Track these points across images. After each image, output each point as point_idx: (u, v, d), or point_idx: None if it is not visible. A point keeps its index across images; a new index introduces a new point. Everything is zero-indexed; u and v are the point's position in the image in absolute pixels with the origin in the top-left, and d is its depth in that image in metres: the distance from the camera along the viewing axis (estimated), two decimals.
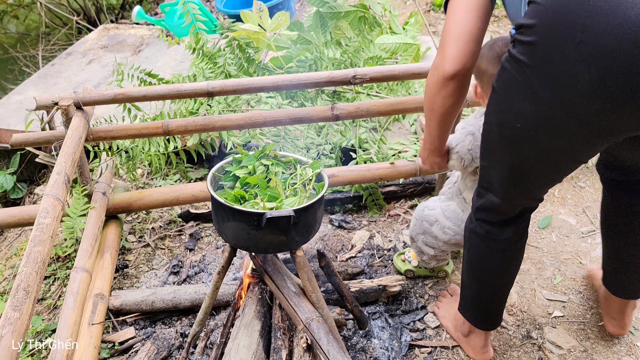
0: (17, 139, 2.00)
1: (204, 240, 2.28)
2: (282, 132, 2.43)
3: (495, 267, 1.47)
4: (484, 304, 1.58)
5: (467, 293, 1.59)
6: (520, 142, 1.18)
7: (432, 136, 1.44)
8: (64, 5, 5.05)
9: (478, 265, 1.49)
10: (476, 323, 1.62)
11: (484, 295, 1.56)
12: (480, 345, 1.66)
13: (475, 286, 1.55)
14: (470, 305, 1.61)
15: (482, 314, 1.60)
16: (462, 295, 1.62)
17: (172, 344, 1.74)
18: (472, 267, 1.51)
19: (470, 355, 1.71)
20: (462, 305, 1.64)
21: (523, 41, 1.07)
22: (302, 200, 1.41)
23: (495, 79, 1.19)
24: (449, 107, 1.29)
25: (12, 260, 2.24)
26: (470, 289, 1.57)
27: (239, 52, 2.60)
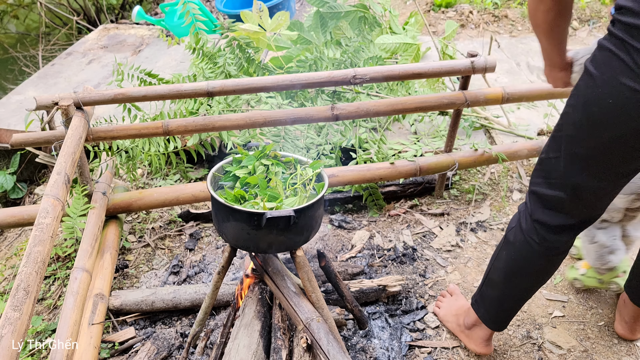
0: (17, 139, 2.00)
1: (204, 240, 2.28)
2: (282, 132, 2.43)
3: (536, 273, 1.46)
4: (505, 306, 1.57)
5: (491, 292, 1.57)
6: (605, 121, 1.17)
7: (547, 51, 1.39)
8: (64, 5, 5.05)
9: (519, 268, 1.46)
10: (488, 322, 1.61)
11: (509, 298, 1.54)
12: (483, 338, 1.66)
13: (505, 287, 1.52)
14: (490, 305, 1.59)
15: (498, 314, 1.59)
16: (482, 293, 1.60)
17: (172, 344, 1.74)
18: (510, 268, 1.48)
19: (471, 348, 1.70)
20: (478, 301, 1.62)
21: (623, 22, 1.10)
22: (302, 200, 1.41)
23: (590, 59, 1.19)
24: (551, 21, 1.27)
25: (12, 260, 2.24)
26: (497, 289, 1.55)
27: (239, 52, 2.60)
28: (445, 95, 2.18)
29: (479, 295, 1.62)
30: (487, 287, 1.58)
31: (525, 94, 2.27)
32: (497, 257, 1.53)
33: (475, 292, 1.65)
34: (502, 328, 1.62)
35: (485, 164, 2.36)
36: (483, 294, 1.60)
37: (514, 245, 1.45)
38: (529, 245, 1.41)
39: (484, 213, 2.35)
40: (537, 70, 3.47)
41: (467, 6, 4.65)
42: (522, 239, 1.42)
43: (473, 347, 1.69)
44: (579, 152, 1.25)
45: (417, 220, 2.34)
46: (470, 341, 1.70)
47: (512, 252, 1.46)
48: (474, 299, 1.65)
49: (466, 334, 1.71)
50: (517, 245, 1.44)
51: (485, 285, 1.59)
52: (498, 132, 2.78)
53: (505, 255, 1.49)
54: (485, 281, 1.58)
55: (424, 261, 2.11)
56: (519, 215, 1.45)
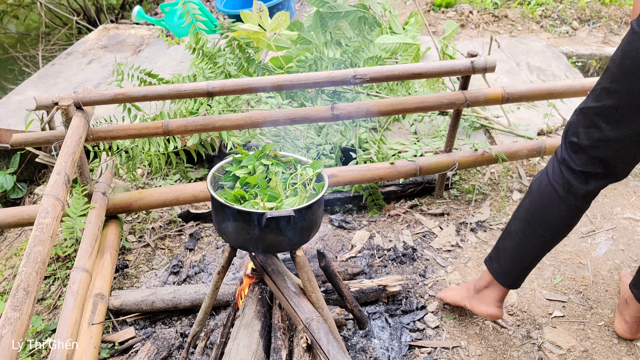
0: (17, 139, 2.00)
1: (204, 240, 2.28)
2: (282, 132, 2.43)
3: (556, 222, 1.48)
4: (519, 258, 1.57)
5: (507, 244, 1.59)
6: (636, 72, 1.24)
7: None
8: (64, 5, 5.06)
9: (540, 216, 1.49)
10: (500, 276, 1.61)
11: (526, 249, 1.55)
12: (494, 299, 1.65)
13: (523, 236, 1.54)
14: (504, 257, 1.60)
15: (512, 268, 1.59)
16: (498, 247, 1.62)
17: (172, 344, 1.74)
18: (532, 215, 1.51)
19: (481, 311, 1.67)
20: (493, 257, 1.64)
21: None
22: (302, 200, 1.41)
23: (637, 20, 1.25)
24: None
25: (12, 260, 2.24)
26: (515, 239, 1.56)
27: (239, 52, 2.60)
28: (445, 95, 2.18)
29: (494, 251, 1.64)
30: (505, 240, 1.60)
31: (525, 94, 2.27)
32: (519, 207, 1.57)
33: (491, 251, 1.66)
34: (514, 285, 1.62)
35: (485, 164, 2.36)
36: (499, 248, 1.62)
37: (537, 192, 1.49)
38: (553, 190, 1.45)
39: (484, 213, 2.35)
40: (537, 70, 3.47)
41: (467, 6, 4.65)
42: (546, 184, 1.47)
43: (484, 309, 1.66)
44: (612, 103, 1.31)
45: (417, 220, 2.34)
46: (480, 304, 1.67)
47: (535, 199, 1.50)
48: (488, 256, 1.66)
49: (476, 297, 1.69)
50: (540, 191, 1.48)
51: (503, 239, 1.61)
52: (498, 132, 2.78)
53: (528, 203, 1.53)
54: (503, 234, 1.61)
55: (424, 261, 2.11)
56: (547, 166, 1.50)
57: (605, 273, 2.02)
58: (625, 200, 2.41)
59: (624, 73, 1.27)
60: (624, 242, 2.17)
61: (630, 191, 2.48)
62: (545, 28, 4.37)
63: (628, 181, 2.54)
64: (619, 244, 2.17)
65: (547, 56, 3.68)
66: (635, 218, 2.30)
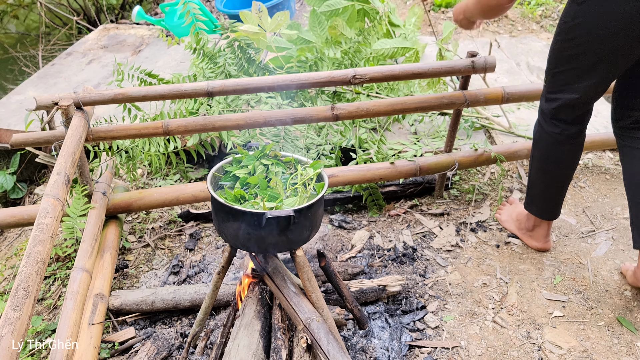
0: (17, 139, 2.00)
1: (204, 240, 2.28)
2: (282, 133, 2.43)
3: (565, 159, 1.85)
4: (550, 196, 1.96)
5: (535, 191, 1.98)
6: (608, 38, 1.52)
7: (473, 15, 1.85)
8: (64, 5, 5.06)
9: (551, 161, 1.85)
10: (542, 215, 2.01)
11: (552, 188, 1.94)
12: (543, 236, 2.07)
13: (545, 181, 1.93)
14: (539, 200, 1.98)
15: (548, 205, 1.98)
16: (530, 194, 2.00)
17: (172, 344, 1.74)
18: (544, 164, 1.88)
19: (534, 246, 2.09)
20: (529, 202, 2.02)
21: None
22: (302, 200, 1.41)
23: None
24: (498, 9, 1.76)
25: (12, 260, 2.24)
26: (540, 186, 1.95)
27: (239, 52, 2.60)
28: (445, 95, 2.18)
29: (528, 198, 2.02)
30: (532, 188, 1.99)
31: (525, 94, 2.27)
32: (532, 160, 1.94)
33: (525, 198, 2.04)
34: (555, 216, 2.01)
35: (485, 164, 2.36)
36: (530, 195, 2.01)
37: (542, 144, 1.86)
38: (553, 139, 1.81)
39: (484, 213, 2.35)
40: (537, 70, 3.47)
41: None
42: (546, 137, 1.83)
43: (535, 244, 2.09)
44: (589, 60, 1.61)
45: (417, 220, 2.34)
46: (532, 240, 2.10)
47: (542, 150, 1.87)
48: (525, 203, 2.04)
49: (528, 235, 2.11)
50: (544, 143, 1.85)
51: (530, 188, 2.00)
52: (498, 133, 2.78)
53: (537, 155, 1.89)
54: (529, 184, 1.99)
55: (424, 261, 2.11)
56: (538, 123, 1.87)
57: (605, 273, 2.02)
58: (625, 200, 2.41)
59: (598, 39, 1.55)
60: (624, 242, 2.17)
61: None
62: (545, 28, 4.37)
63: None
64: (619, 244, 2.17)
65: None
66: None
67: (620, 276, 2.01)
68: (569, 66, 1.67)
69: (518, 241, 2.18)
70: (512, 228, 2.20)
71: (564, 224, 2.26)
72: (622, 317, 1.84)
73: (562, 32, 1.64)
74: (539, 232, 2.07)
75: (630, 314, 1.86)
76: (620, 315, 1.84)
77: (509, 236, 2.21)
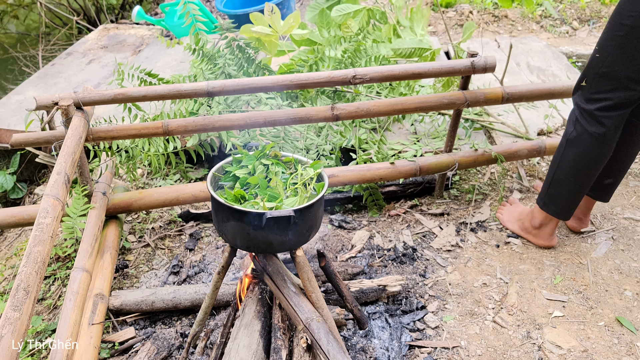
0: (17, 139, 2.00)
1: (204, 240, 2.28)
2: (282, 133, 2.43)
3: (603, 159, 1.85)
4: (576, 196, 1.94)
5: (560, 190, 1.94)
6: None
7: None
8: (64, 5, 5.06)
9: (588, 161, 1.83)
10: (560, 214, 2.00)
11: (580, 188, 1.91)
12: (550, 234, 2.08)
13: (577, 181, 1.89)
14: (562, 200, 1.96)
15: (571, 205, 1.98)
16: (551, 193, 1.97)
17: (172, 344, 1.74)
18: (581, 164, 1.85)
19: (540, 244, 2.10)
20: (549, 202, 1.99)
21: None
22: (302, 200, 1.41)
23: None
24: None
25: (12, 260, 2.24)
26: (568, 186, 1.92)
27: (238, 52, 2.60)
28: (445, 95, 2.18)
29: (547, 197, 1.99)
30: (555, 188, 1.95)
31: (525, 94, 2.27)
32: (563, 159, 1.90)
33: (541, 196, 2.02)
34: (569, 217, 2.03)
35: (485, 164, 2.36)
36: (552, 195, 1.97)
37: (581, 144, 1.83)
38: (595, 139, 1.79)
39: (484, 213, 2.35)
40: (537, 70, 3.47)
41: (467, 6, 4.65)
42: (588, 138, 1.80)
43: (542, 242, 2.10)
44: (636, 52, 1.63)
45: (417, 220, 2.34)
46: (538, 239, 2.10)
47: (580, 149, 1.83)
48: (542, 202, 2.01)
49: (533, 233, 2.11)
50: (584, 144, 1.82)
51: (553, 187, 1.96)
52: (498, 133, 2.78)
53: (572, 155, 1.86)
54: (552, 183, 1.95)
55: (424, 261, 2.11)
56: (574, 123, 1.83)
57: (605, 273, 2.02)
58: (625, 200, 2.41)
59: None
60: (624, 242, 2.17)
61: (630, 191, 2.48)
62: (545, 28, 4.37)
63: (628, 181, 2.54)
64: (619, 244, 2.17)
65: (547, 56, 3.68)
66: (635, 218, 2.30)
67: (621, 276, 2.01)
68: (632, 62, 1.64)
69: (518, 241, 2.18)
70: (514, 228, 2.20)
71: (564, 223, 2.26)
72: (622, 317, 1.84)
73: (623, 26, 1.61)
74: (546, 231, 2.07)
75: (630, 314, 1.86)
76: (620, 315, 1.84)
77: (508, 236, 2.21)
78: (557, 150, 1.93)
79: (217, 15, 4.86)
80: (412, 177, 2.31)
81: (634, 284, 1.98)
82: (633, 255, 2.10)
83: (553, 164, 1.95)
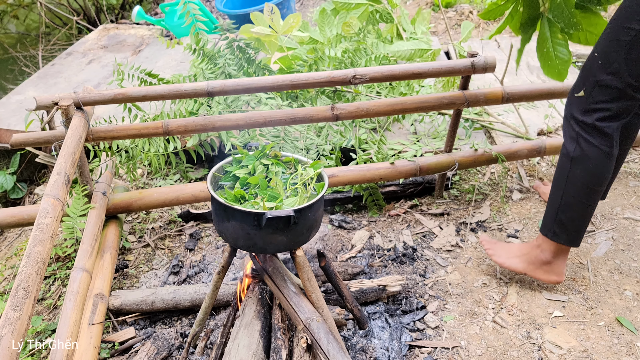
0: (17, 139, 2.00)
1: (204, 240, 2.28)
2: (282, 133, 2.43)
3: (610, 171, 1.69)
4: (586, 218, 1.75)
5: (572, 214, 1.74)
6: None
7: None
8: (64, 5, 5.06)
9: (598, 177, 1.67)
10: (571, 241, 1.78)
11: (590, 209, 1.73)
12: (562, 267, 1.83)
13: (588, 201, 1.71)
14: (572, 225, 1.75)
15: (581, 229, 1.77)
16: (560, 221, 1.76)
17: (172, 344, 1.74)
18: (591, 181, 1.68)
19: (553, 280, 1.84)
20: (558, 232, 1.77)
21: None
22: (302, 200, 1.41)
23: None
24: None
25: (12, 260, 2.24)
26: (579, 207, 1.72)
27: (238, 52, 2.60)
28: (445, 95, 2.18)
29: (557, 226, 1.77)
30: (565, 213, 1.74)
31: (525, 94, 2.27)
32: (571, 181, 1.71)
33: (548, 227, 1.79)
34: (580, 242, 1.80)
35: (485, 164, 2.36)
36: (561, 222, 1.76)
37: (589, 161, 1.66)
38: (604, 153, 1.64)
39: (484, 213, 2.35)
40: (537, 70, 3.47)
41: (467, 6, 4.65)
42: (596, 152, 1.65)
43: (554, 278, 1.84)
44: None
45: (417, 220, 2.34)
46: (550, 275, 1.84)
47: (589, 166, 1.67)
48: (552, 232, 1.78)
49: (544, 269, 1.84)
50: (593, 160, 1.66)
51: (562, 212, 1.75)
52: (498, 133, 2.78)
53: (582, 173, 1.68)
54: (560, 209, 1.74)
55: (424, 261, 2.11)
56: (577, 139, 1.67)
57: (605, 273, 2.02)
58: (625, 200, 2.41)
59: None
60: (624, 242, 2.17)
61: (630, 191, 2.48)
62: None
63: (628, 181, 2.54)
64: (619, 244, 2.17)
65: None
66: (635, 218, 2.30)
67: (621, 276, 2.01)
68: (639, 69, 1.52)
69: (518, 241, 2.18)
70: (519, 267, 1.88)
71: None
72: (622, 317, 1.84)
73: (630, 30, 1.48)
74: (558, 264, 1.82)
75: (630, 314, 1.86)
76: (620, 315, 1.84)
77: (508, 236, 2.21)
78: (559, 172, 1.75)
79: (217, 15, 4.86)
80: (412, 177, 2.31)
81: (634, 284, 1.98)
82: (633, 255, 2.10)
83: (557, 188, 1.75)
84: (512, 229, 2.26)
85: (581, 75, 1.66)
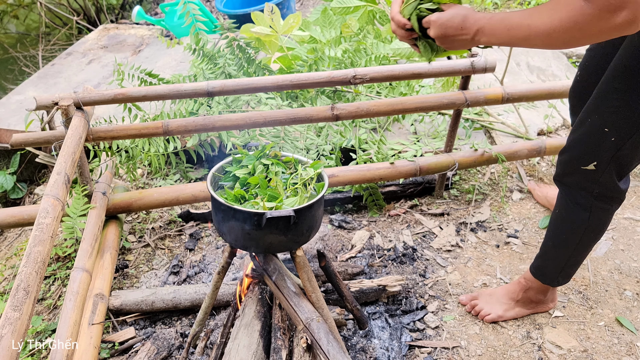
0: (17, 139, 2.00)
1: (204, 240, 2.28)
2: (282, 133, 2.43)
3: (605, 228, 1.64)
4: (579, 263, 1.73)
5: (577, 266, 1.73)
6: None
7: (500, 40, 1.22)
8: (64, 5, 5.06)
9: (599, 233, 1.63)
10: (566, 281, 1.79)
11: (584, 255, 1.71)
12: (555, 294, 1.88)
13: (585, 252, 1.68)
14: (572, 270, 1.75)
15: (574, 271, 1.76)
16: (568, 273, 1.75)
17: (172, 344, 1.74)
18: (594, 238, 1.64)
19: (550, 307, 1.87)
20: (562, 280, 1.77)
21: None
22: (302, 200, 1.41)
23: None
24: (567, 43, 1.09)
25: (12, 260, 2.24)
26: (580, 259, 1.70)
27: (238, 52, 2.60)
28: (445, 95, 2.18)
29: (562, 277, 1.76)
30: (572, 268, 1.73)
31: (525, 94, 2.27)
32: (582, 245, 1.65)
33: (552, 277, 1.76)
34: None
35: (485, 164, 2.36)
36: (568, 274, 1.76)
37: (605, 225, 1.61)
38: (609, 213, 1.58)
39: (484, 213, 2.35)
40: (537, 70, 3.47)
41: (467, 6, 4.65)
42: (611, 213, 1.58)
43: (551, 306, 1.88)
44: None
45: (417, 220, 2.34)
46: (547, 305, 1.87)
47: (601, 227, 1.61)
48: (556, 281, 1.77)
49: (541, 305, 1.86)
50: (606, 220, 1.59)
51: (569, 267, 1.73)
52: (498, 133, 2.78)
53: (595, 235, 1.63)
54: (568, 265, 1.71)
55: (424, 261, 2.11)
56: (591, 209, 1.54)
57: (605, 273, 2.02)
58: (625, 200, 2.41)
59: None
60: (624, 242, 2.17)
61: (631, 191, 2.48)
62: None
63: None
64: (619, 244, 2.17)
65: (547, 56, 3.68)
66: (635, 218, 2.30)
67: (621, 276, 2.01)
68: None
69: (518, 241, 2.18)
70: (520, 313, 1.85)
71: None
72: (622, 317, 1.84)
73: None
74: (553, 295, 1.87)
75: (630, 314, 1.86)
76: (620, 315, 1.84)
77: (508, 236, 2.21)
78: (567, 234, 1.64)
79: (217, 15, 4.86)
80: (412, 177, 2.31)
81: (634, 284, 1.98)
82: (633, 255, 2.10)
83: (564, 247, 1.67)
84: (512, 229, 2.26)
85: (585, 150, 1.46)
